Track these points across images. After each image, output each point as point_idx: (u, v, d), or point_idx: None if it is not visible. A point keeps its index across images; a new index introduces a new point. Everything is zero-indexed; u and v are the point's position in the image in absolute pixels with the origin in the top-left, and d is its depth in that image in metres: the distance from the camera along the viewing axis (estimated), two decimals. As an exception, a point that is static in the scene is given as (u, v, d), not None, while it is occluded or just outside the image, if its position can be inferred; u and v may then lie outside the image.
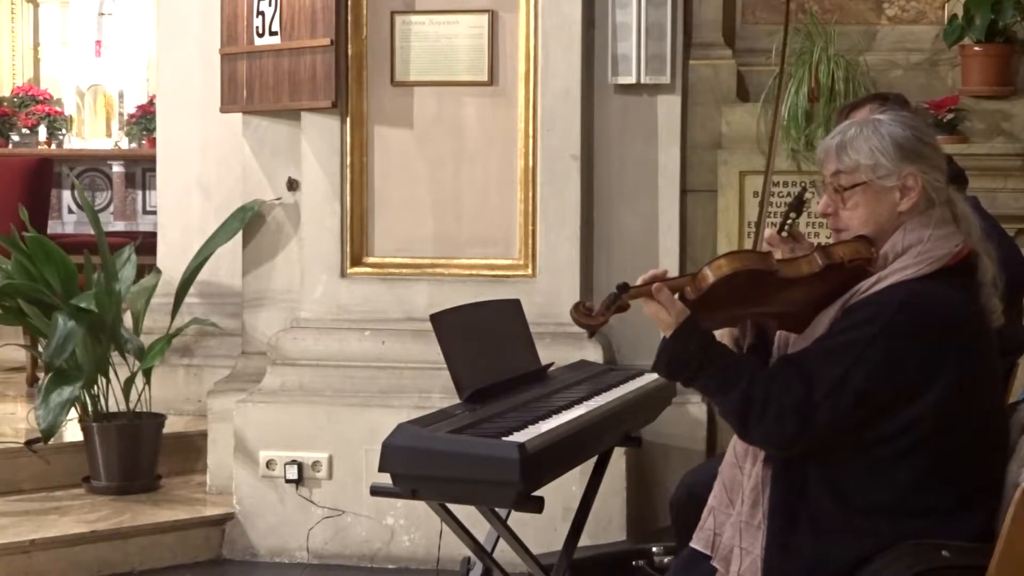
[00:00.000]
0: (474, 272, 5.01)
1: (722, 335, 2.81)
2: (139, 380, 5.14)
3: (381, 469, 2.94)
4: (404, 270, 5.07)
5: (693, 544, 2.75)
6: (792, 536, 2.56)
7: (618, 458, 4.49)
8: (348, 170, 5.07)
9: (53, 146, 10.54)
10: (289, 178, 5.27)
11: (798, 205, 3.15)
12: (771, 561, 2.56)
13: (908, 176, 2.60)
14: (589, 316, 2.60)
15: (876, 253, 2.62)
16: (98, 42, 10.82)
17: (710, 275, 2.59)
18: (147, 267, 5.74)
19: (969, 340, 2.55)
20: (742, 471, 2.69)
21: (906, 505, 2.52)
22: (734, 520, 2.67)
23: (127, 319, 5.27)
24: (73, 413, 5.09)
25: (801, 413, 2.50)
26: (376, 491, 3.10)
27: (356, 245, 5.09)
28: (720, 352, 2.61)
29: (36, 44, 10.96)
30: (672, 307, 2.58)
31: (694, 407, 4.96)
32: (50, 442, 4.96)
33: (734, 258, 2.61)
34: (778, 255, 2.72)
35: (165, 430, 5.26)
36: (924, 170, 2.62)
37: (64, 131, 10.70)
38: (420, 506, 3.21)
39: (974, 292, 2.61)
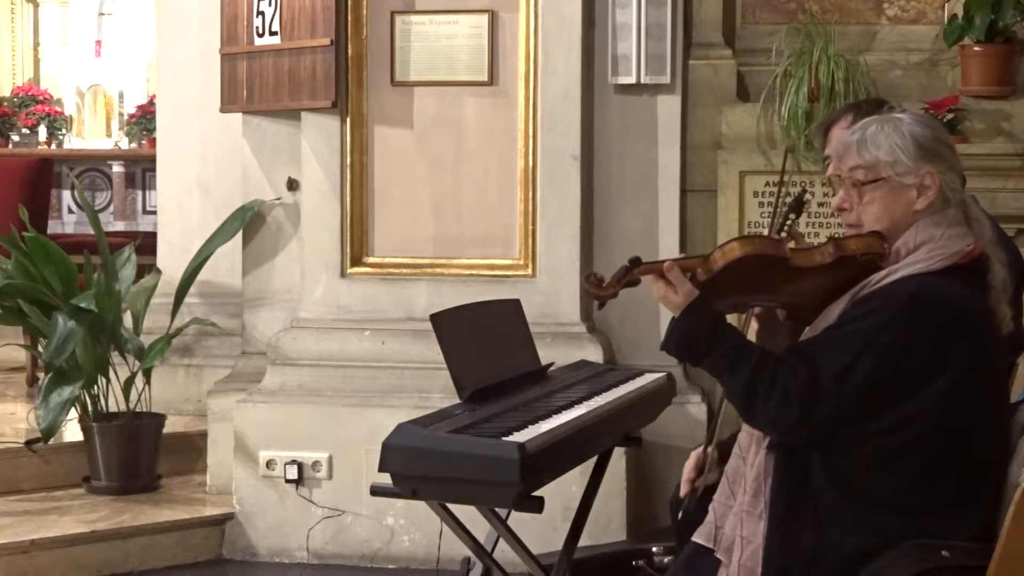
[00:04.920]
0: (474, 272, 5.01)
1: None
2: (139, 380, 5.14)
3: (381, 469, 2.94)
4: (404, 270, 5.07)
5: (695, 539, 2.75)
6: (793, 525, 2.56)
7: (618, 458, 4.48)
8: (348, 170, 5.06)
9: (53, 146, 10.54)
10: (289, 178, 5.27)
11: (797, 206, 3.15)
12: (771, 550, 2.56)
13: (926, 175, 2.61)
14: (599, 287, 2.60)
15: (888, 249, 2.62)
16: (98, 42, 10.82)
17: (721, 257, 2.58)
18: (147, 267, 5.73)
19: (977, 336, 2.55)
20: (745, 461, 2.70)
21: (909, 500, 2.52)
22: (736, 510, 2.67)
23: (127, 319, 5.27)
24: (73, 413, 5.09)
25: (807, 398, 2.50)
26: (376, 491, 3.09)
27: (356, 245, 5.09)
28: (730, 333, 2.61)
29: (36, 44, 10.96)
30: (682, 286, 2.58)
31: (694, 407, 4.96)
32: (50, 442, 4.96)
33: (746, 242, 2.60)
34: (791, 244, 2.71)
35: (165, 430, 5.26)
36: (942, 170, 2.63)
37: (64, 131, 10.70)
38: (420, 506, 3.20)
39: (983, 292, 2.61)
